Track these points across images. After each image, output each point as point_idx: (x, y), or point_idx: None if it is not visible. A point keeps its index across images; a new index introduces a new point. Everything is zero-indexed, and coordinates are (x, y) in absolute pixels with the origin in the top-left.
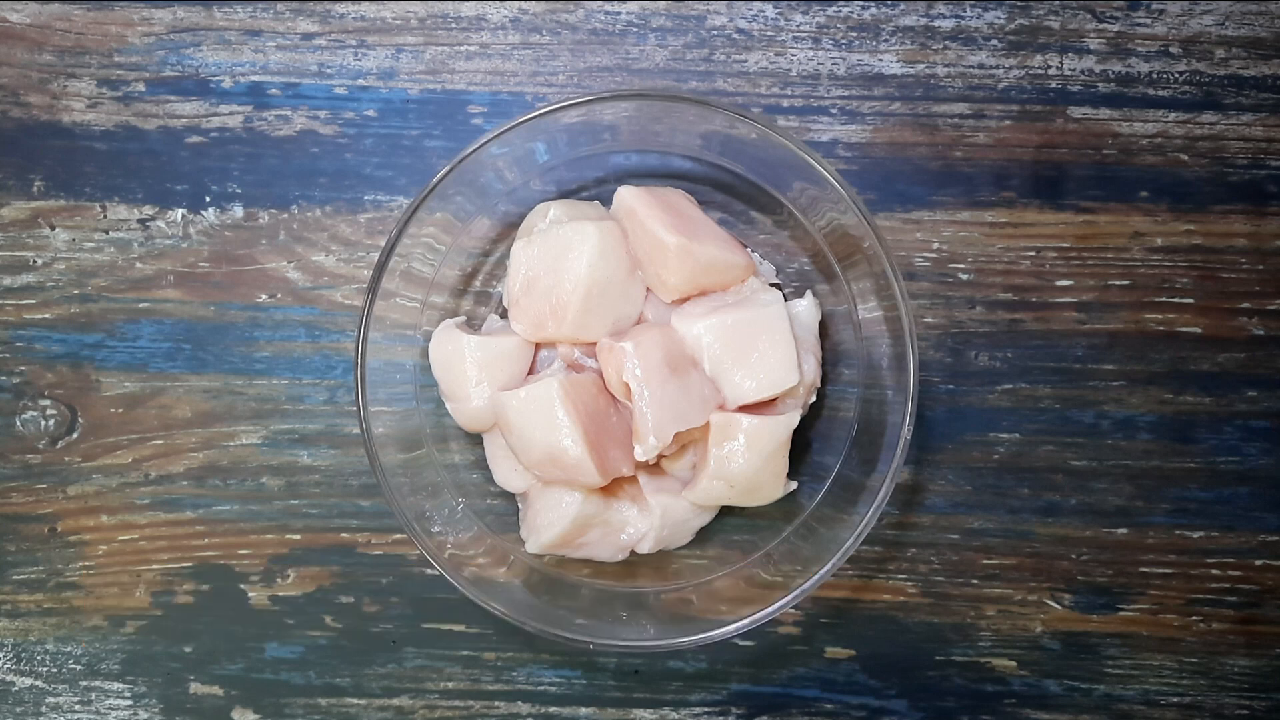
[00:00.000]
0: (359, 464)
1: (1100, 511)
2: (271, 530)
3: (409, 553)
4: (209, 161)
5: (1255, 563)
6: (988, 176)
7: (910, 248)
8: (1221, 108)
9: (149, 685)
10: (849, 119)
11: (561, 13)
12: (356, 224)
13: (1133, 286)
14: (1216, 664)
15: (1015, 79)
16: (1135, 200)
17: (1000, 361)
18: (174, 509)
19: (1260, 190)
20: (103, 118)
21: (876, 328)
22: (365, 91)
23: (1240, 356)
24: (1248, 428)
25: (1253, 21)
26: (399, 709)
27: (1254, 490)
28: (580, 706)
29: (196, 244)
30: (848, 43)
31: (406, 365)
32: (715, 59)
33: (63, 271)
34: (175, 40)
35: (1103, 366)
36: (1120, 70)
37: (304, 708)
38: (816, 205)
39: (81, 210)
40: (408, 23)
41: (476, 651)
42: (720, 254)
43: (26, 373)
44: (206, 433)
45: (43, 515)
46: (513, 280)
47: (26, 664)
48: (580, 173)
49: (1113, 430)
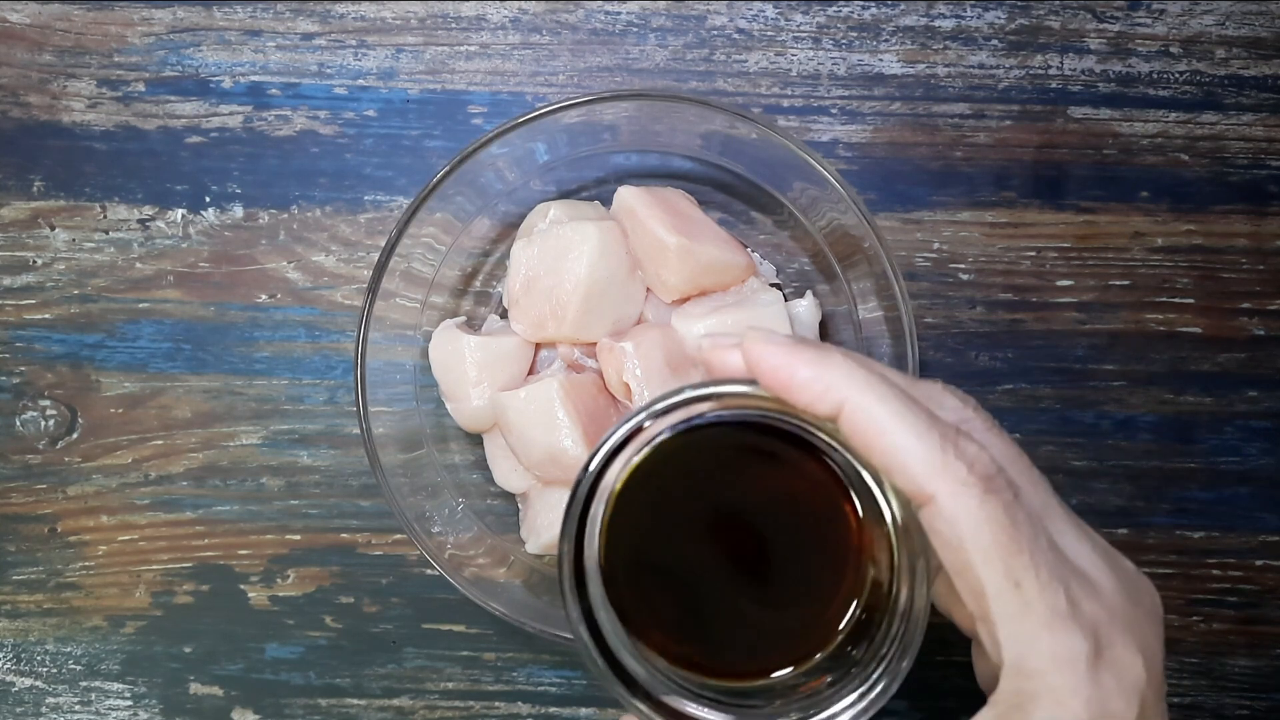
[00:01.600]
0: (359, 464)
1: (1101, 511)
2: (271, 530)
3: (409, 553)
4: (209, 161)
5: (1256, 563)
6: (988, 176)
7: (910, 248)
8: (1222, 108)
9: (149, 685)
10: (849, 119)
11: (561, 13)
12: (356, 224)
13: (1133, 286)
14: (1217, 664)
15: (1015, 79)
16: (1135, 200)
17: (1001, 362)
18: (174, 509)
19: (1261, 190)
20: (103, 118)
21: (877, 328)
22: (365, 91)
23: (1241, 357)
24: (1248, 428)
25: (1253, 21)
26: (399, 709)
27: (1254, 490)
28: (580, 707)
29: (196, 244)
30: (848, 43)
31: (406, 365)
32: (715, 59)
33: (63, 272)
34: (175, 40)
35: (1103, 366)
36: (1121, 70)
37: (304, 708)
38: (817, 205)
39: (81, 210)
40: (408, 23)
41: (476, 652)
42: (720, 254)
43: (26, 373)
44: (206, 433)
45: (42, 515)
46: (513, 280)
47: (26, 664)
48: (580, 173)
49: (1113, 430)
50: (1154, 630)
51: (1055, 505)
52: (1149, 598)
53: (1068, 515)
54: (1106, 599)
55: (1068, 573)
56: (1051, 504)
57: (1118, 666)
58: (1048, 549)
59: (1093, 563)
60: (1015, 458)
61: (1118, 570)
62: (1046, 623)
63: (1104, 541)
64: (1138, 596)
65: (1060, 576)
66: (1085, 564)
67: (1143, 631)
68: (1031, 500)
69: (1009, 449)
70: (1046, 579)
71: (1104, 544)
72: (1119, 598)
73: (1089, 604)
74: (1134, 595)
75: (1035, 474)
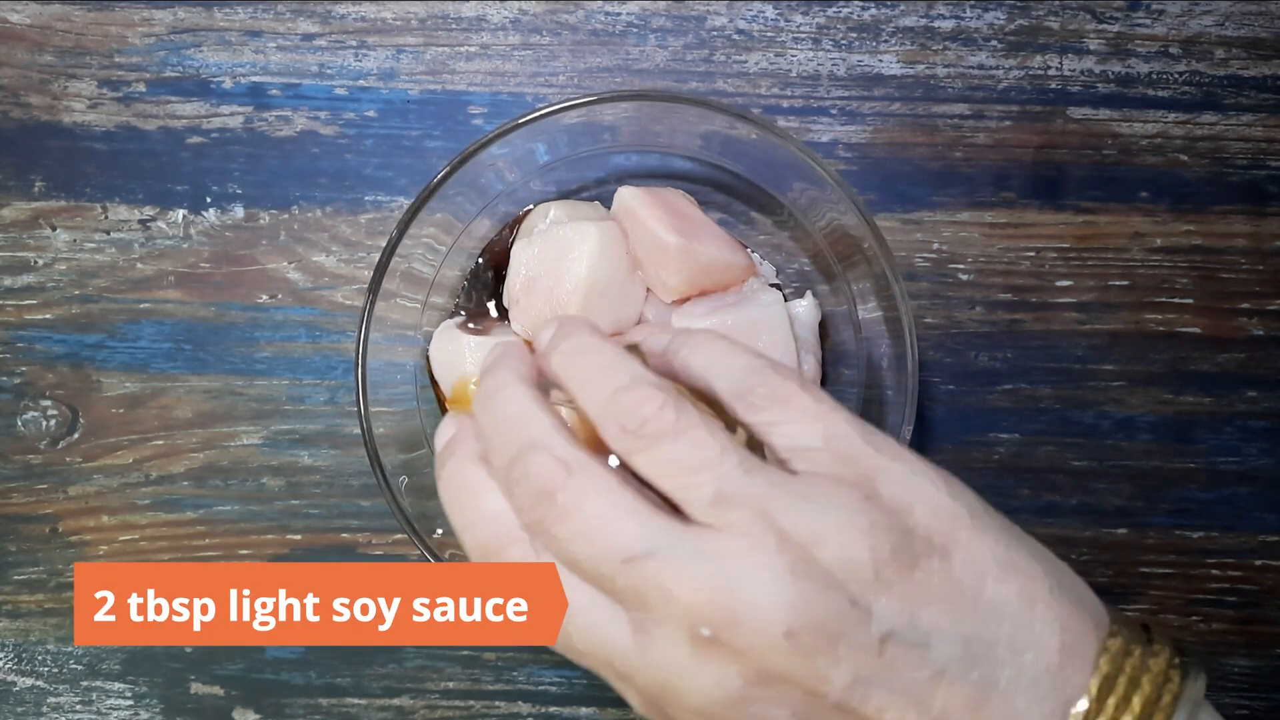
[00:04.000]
0: (359, 464)
1: (1100, 512)
2: (272, 530)
3: (409, 553)
4: (209, 162)
5: (1255, 563)
6: (988, 177)
7: (910, 248)
8: (1221, 108)
9: (150, 685)
10: (849, 120)
11: (561, 13)
12: (357, 224)
13: (1132, 287)
14: (1216, 664)
15: (1015, 79)
16: (1135, 201)
17: (1000, 362)
18: (175, 509)
19: (1260, 191)
20: (103, 118)
21: (876, 328)
22: (366, 92)
23: (1240, 357)
24: (1247, 428)
25: (1252, 22)
26: (399, 709)
27: (1254, 490)
28: (581, 706)
29: (197, 244)
30: (848, 43)
31: (407, 366)
32: (715, 60)
33: (63, 272)
34: (176, 41)
35: (1103, 367)
36: (1120, 71)
37: (305, 708)
38: (816, 206)
39: (82, 211)
40: (408, 23)
41: (477, 651)
42: (720, 254)
43: (27, 373)
44: (207, 433)
45: (44, 515)
46: (513, 280)
47: (28, 664)
48: (580, 173)
49: (1113, 431)
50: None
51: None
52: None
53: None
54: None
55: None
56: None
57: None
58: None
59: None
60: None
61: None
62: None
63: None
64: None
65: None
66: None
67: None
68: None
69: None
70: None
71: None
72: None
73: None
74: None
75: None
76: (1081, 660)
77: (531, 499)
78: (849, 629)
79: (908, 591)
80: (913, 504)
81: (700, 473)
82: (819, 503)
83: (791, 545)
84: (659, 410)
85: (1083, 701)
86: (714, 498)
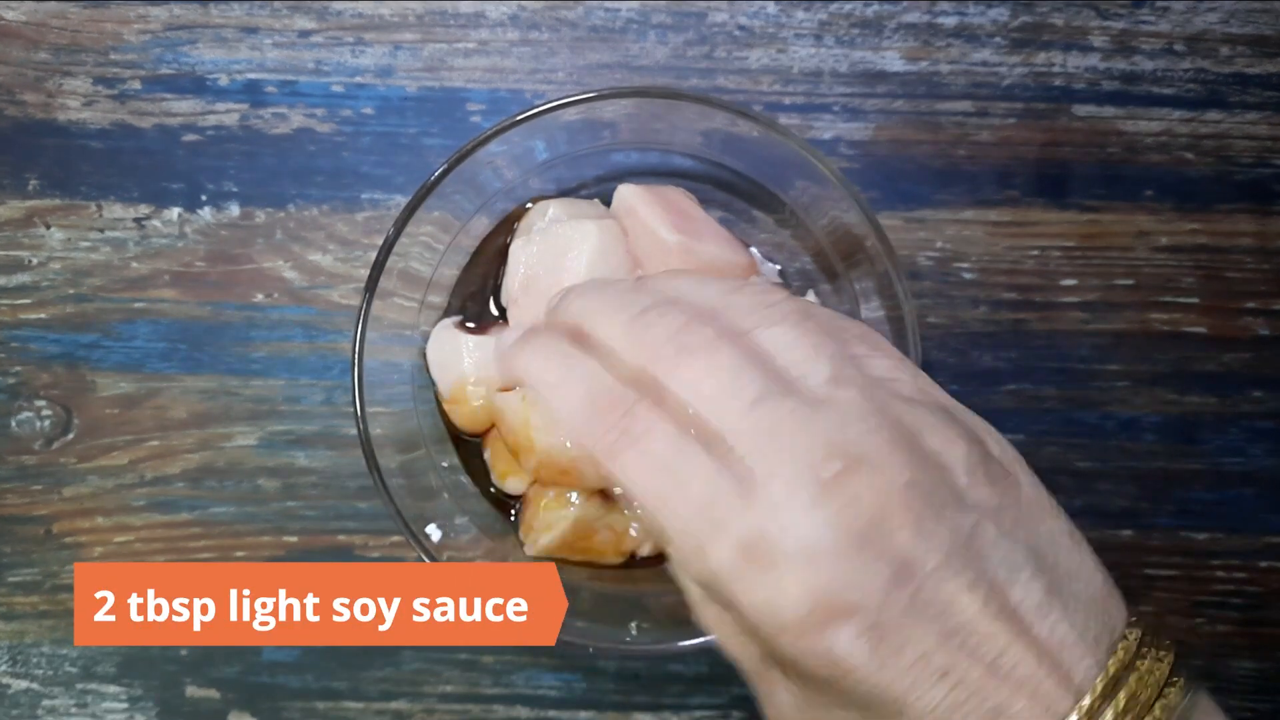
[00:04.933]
0: (356, 465)
1: (1105, 513)
2: (268, 532)
3: (407, 555)
4: (205, 160)
5: (1260, 565)
6: (991, 175)
7: (913, 247)
8: (1226, 106)
9: (145, 688)
10: (851, 117)
11: (561, 9)
12: (354, 223)
13: (1137, 286)
14: (1221, 666)
15: (1019, 77)
16: (1140, 199)
17: (1004, 362)
18: (170, 511)
19: (1266, 189)
20: (98, 116)
21: (880, 328)
22: (362, 89)
23: (1245, 357)
24: (1253, 429)
25: (1257, 19)
26: (396, 713)
27: (1259, 492)
28: (579, 710)
29: (192, 243)
30: (850, 40)
31: (404, 365)
32: (716, 56)
33: (58, 271)
34: (171, 38)
35: (1107, 367)
36: (1124, 68)
37: (301, 711)
38: (819, 204)
39: (77, 209)
40: (405, 20)
41: (475, 654)
42: (721, 253)
43: (21, 373)
44: (202, 434)
45: (38, 517)
46: (511, 279)
47: (22, 666)
48: (580, 171)
49: (1117, 431)
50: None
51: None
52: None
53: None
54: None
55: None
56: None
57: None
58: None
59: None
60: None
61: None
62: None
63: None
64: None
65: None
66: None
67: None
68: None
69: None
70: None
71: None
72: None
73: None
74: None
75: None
76: (1118, 601)
77: (659, 343)
78: (950, 506)
79: (993, 495)
80: (984, 437)
81: (818, 359)
82: (917, 406)
83: (902, 428)
84: (783, 299)
85: (1132, 633)
86: (830, 377)
